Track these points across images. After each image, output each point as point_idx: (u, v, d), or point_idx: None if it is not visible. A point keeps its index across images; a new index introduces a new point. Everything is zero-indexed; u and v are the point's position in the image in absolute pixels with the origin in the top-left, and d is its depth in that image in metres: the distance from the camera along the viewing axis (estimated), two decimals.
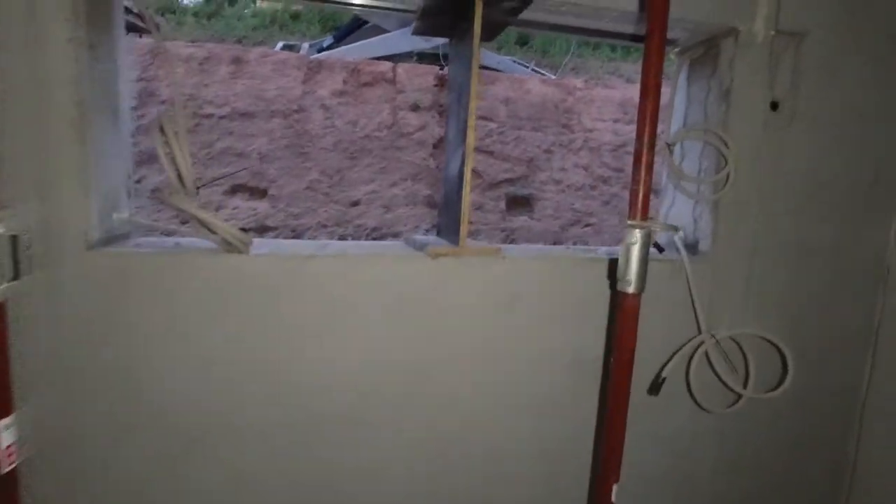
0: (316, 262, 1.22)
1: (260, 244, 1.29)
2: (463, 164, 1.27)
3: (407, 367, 1.30)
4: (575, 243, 3.17)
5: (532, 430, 1.42)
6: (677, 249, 1.44)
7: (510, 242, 2.96)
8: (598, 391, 1.45)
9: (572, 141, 3.34)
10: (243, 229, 1.21)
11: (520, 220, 3.02)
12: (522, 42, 7.18)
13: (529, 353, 1.38)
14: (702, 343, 1.43)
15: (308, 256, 1.21)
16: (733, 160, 1.38)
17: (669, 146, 1.45)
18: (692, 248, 1.56)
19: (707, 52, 1.47)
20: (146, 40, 2.93)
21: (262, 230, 2.67)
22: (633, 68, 6.81)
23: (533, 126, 3.29)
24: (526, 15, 1.28)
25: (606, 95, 3.59)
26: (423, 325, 1.30)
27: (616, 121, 3.52)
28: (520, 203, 3.05)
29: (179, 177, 1.12)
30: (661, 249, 1.56)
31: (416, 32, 1.52)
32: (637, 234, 1.07)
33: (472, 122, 1.23)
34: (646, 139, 1.06)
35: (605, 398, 1.40)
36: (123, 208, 1.27)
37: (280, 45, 5.00)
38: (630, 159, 3.87)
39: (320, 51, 4.99)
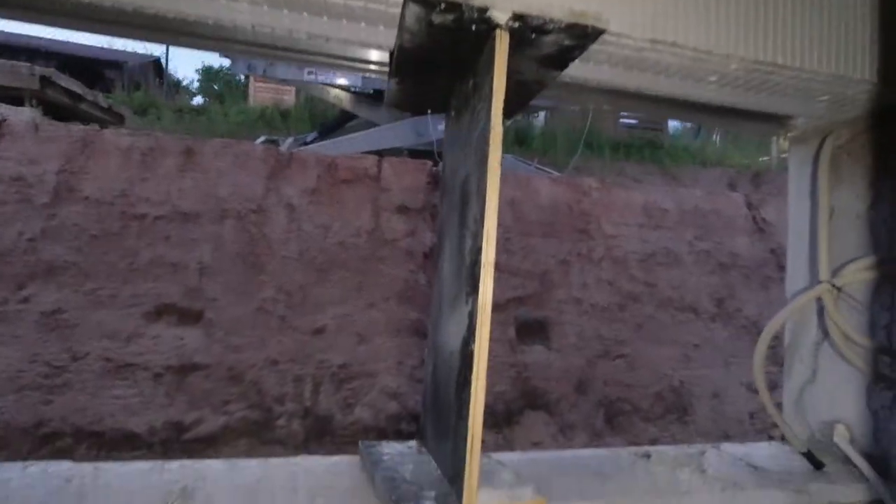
0: None
1: None
2: (470, 335, 0.63)
3: None
4: (656, 439, 2.16)
5: None
6: (853, 465, 0.76)
7: (523, 382, 2.25)
8: None
9: (592, 250, 2.77)
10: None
11: (534, 352, 2.35)
12: (520, 141, 6.99)
13: None
14: None
15: None
16: None
17: (835, 287, 0.83)
18: (879, 463, 0.88)
19: (867, 132, 0.91)
20: (77, 127, 2.44)
21: (186, 370, 1.96)
22: (639, 168, 6.55)
23: (544, 232, 2.73)
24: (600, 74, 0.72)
25: (627, 198, 3.09)
26: None
27: (641, 226, 2.98)
28: (533, 329, 2.39)
29: None
30: (819, 464, 0.88)
31: (392, 104, 0.95)
32: None
33: (488, 256, 0.61)
34: None
35: None
36: None
37: (261, 139, 4.63)
38: (663, 272, 3.28)
39: (303, 146, 4.61)
